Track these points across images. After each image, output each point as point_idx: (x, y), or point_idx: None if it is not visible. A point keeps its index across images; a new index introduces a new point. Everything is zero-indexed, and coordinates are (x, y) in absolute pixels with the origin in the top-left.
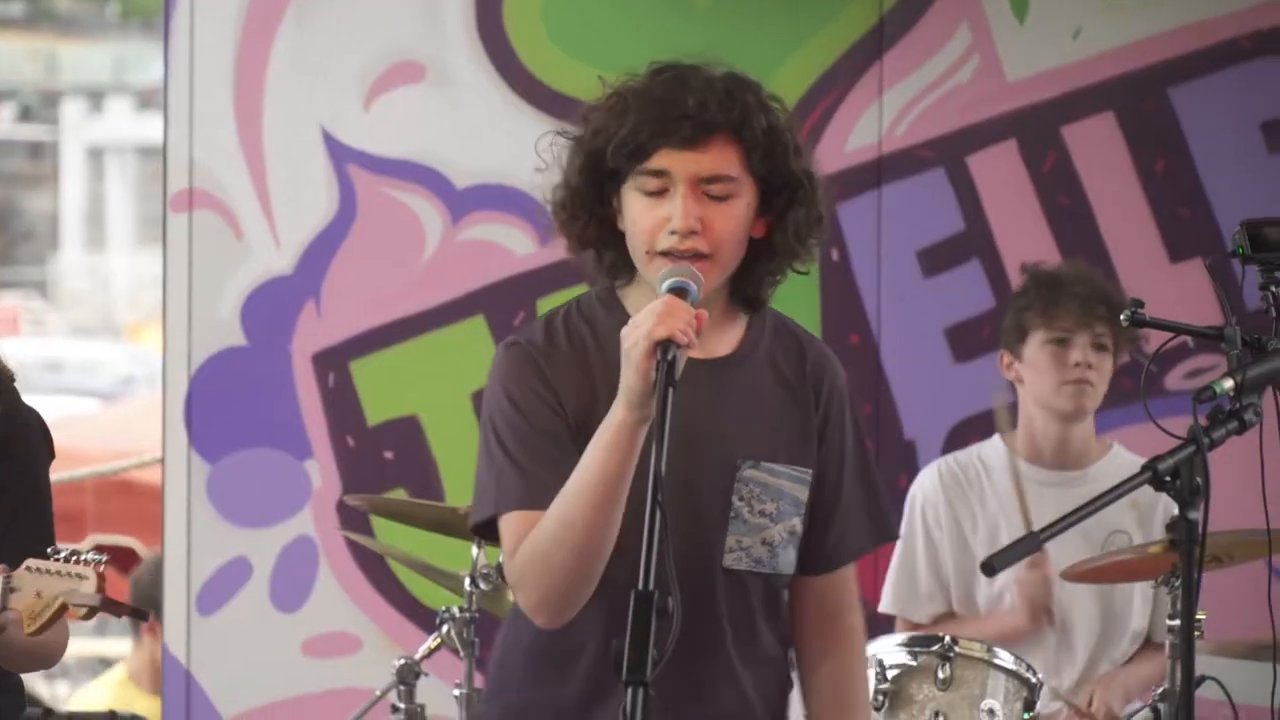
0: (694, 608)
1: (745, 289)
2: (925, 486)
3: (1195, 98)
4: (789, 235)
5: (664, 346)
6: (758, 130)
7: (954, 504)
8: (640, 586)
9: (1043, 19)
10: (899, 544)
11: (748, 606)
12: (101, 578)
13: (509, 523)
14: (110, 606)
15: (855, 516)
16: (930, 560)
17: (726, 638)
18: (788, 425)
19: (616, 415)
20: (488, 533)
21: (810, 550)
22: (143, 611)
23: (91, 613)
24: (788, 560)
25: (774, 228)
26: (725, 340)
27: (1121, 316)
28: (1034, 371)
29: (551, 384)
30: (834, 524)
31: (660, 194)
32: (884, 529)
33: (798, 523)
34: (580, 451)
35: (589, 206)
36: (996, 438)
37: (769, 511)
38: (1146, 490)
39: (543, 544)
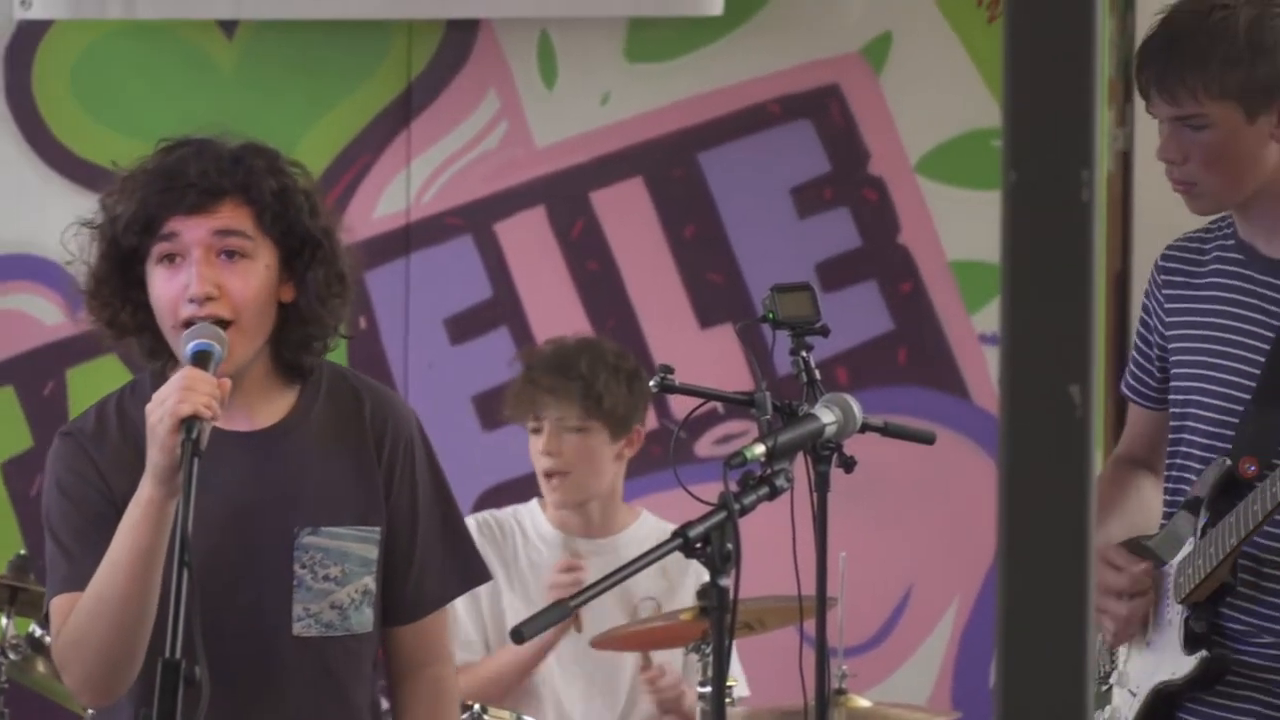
0: (268, 680)
1: (284, 356)
2: None
3: (725, 163)
4: (310, 296)
5: (188, 424)
6: (266, 191)
7: (490, 556)
8: (167, 654)
9: (571, 85)
10: None
11: (328, 672)
12: None
13: (56, 607)
14: None
15: (436, 564)
16: (471, 608)
17: (312, 707)
18: (348, 486)
19: (145, 492)
20: None
21: (392, 601)
22: None
23: None
24: (362, 620)
25: (298, 289)
26: (274, 409)
27: (650, 383)
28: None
29: (101, 471)
30: (413, 573)
31: (176, 263)
32: (470, 574)
33: (370, 581)
34: None
35: (119, 293)
36: (534, 502)
37: (334, 575)
38: (676, 557)
39: (81, 623)
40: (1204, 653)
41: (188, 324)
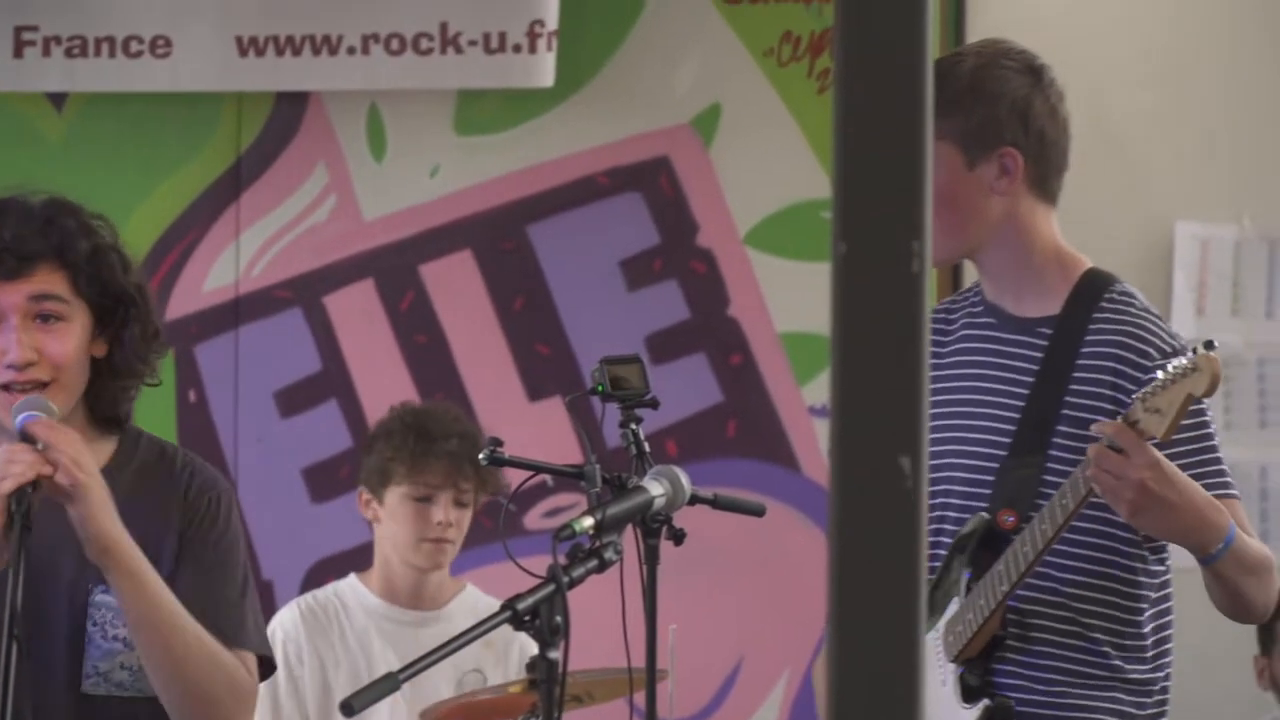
0: None
1: (100, 408)
2: (286, 623)
3: (554, 235)
4: (128, 352)
5: (16, 497)
6: (81, 253)
7: (315, 641)
8: None
9: (400, 157)
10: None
11: None
12: None
13: None
14: None
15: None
16: (294, 698)
17: None
18: (151, 544)
19: None
20: None
21: None
22: None
23: None
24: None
25: (113, 345)
26: (93, 460)
27: (480, 456)
28: (394, 522)
29: None
30: None
31: None
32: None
33: None
34: None
35: None
36: (353, 577)
37: (122, 636)
38: (502, 628)
39: None
40: (985, 702)
41: (4, 388)
